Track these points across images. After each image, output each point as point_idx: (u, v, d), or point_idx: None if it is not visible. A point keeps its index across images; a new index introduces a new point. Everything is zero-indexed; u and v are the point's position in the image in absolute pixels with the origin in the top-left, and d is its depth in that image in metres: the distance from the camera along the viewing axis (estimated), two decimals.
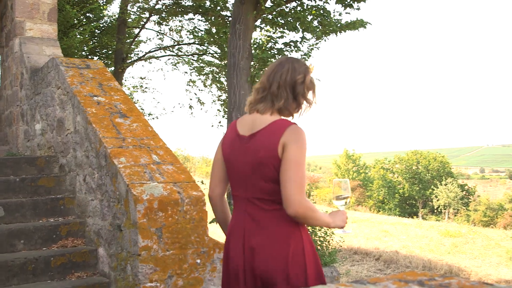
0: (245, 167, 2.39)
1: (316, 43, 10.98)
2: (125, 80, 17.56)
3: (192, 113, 16.63)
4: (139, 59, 16.94)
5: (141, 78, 18.30)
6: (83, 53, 14.16)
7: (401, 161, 54.87)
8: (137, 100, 17.97)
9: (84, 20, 13.80)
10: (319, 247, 11.54)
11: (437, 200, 48.94)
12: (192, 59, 16.78)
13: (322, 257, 11.07)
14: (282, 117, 2.42)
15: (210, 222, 7.55)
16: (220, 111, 14.77)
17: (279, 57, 10.31)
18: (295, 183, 2.21)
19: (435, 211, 49.22)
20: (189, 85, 16.64)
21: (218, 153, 2.58)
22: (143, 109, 17.36)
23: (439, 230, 21.17)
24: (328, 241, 12.08)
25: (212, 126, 15.20)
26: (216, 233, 16.95)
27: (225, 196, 2.65)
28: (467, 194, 50.31)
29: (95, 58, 15.90)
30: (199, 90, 16.30)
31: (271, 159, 2.29)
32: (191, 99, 17.11)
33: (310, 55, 10.75)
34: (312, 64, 2.50)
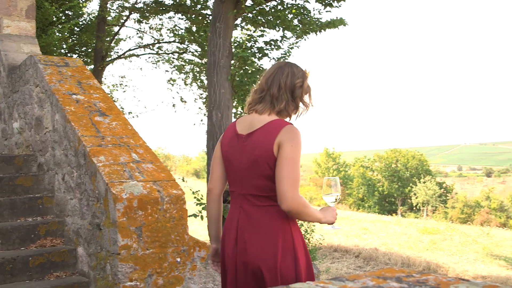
0: (242, 165, 2.50)
1: (296, 42, 11.00)
2: (105, 79, 17.41)
3: (175, 111, 16.62)
4: (119, 57, 16.83)
5: (121, 76, 18.20)
6: (62, 51, 14.03)
7: (381, 159, 55.38)
8: (117, 99, 17.83)
9: (63, 17, 13.67)
10: None
11: (416, 198, 49.46)
12: (172, 58, 16.72)
13: None
14: (279, 118, 2.54)
15: (190, 216, 7.53)
16: (201, 109, 14.74)
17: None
18: (289, 181, 2.34)
19: (414, 208, 49.74)
20: (170, 84, 16.58)
21: (217, 151, 2.69)
22: (123, 108, 17.24)
23: (418, 227, 21.41)
24: (308, 239, 12.14)
25: (194, 124, 15.21)
26: (197, 231, 16.95)
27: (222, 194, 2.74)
28: (445, 191, 50.94)
29: (74, 56, 15.75)
30: (180, 88, 16.28)
31: (266, 157, 2.41)
32: (173, 98, 17.01)
33: (290, 54, 10.77)
34: (308, 69, 2.66)
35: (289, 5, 10.38)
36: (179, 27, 15.51)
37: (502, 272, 14.22)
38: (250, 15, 10.47)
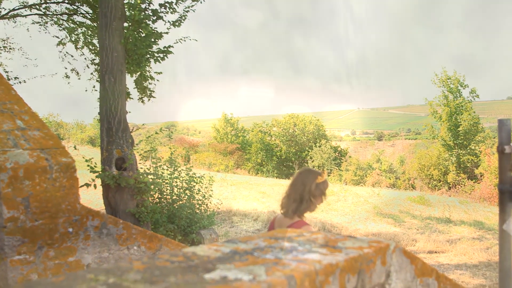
0: None
1: (192, 5, 10.77)
2: None
3: (69, 79, 15.73)
4: (2, 17, 15.67)
5: (3, 40, 16.97)
6: None
7: (279, 124, 56.54)
8: (1, 63, 16.66)
9: None
10: (197, 211, 11.64)
11: (312, 161, 51.23)
12: (61, 19, 15.81)
13: (201, 220, 11.18)
14: (299, 218, 3.54)
15: (81, 186, 7.30)
16: (93, 75, 14.13)
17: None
18: None
19: None
20: (60, 47, 15.69)
21: None
22: (7, 72, 16.14)
23: None
24: (206, 204, 12.19)
25: (86, 90, 14.56)
26: (92, 201, 16.48)
27: None
28: (339, 155, 53.16)
29: None
30: (69, 54, 15.43)
31: None
32: (69, 63, 16.04)
33: (186, 17, 10.52)
34: (323, 168, 3.30)
35: None
36: None
37: (390, 229, 15.16)
38: None
